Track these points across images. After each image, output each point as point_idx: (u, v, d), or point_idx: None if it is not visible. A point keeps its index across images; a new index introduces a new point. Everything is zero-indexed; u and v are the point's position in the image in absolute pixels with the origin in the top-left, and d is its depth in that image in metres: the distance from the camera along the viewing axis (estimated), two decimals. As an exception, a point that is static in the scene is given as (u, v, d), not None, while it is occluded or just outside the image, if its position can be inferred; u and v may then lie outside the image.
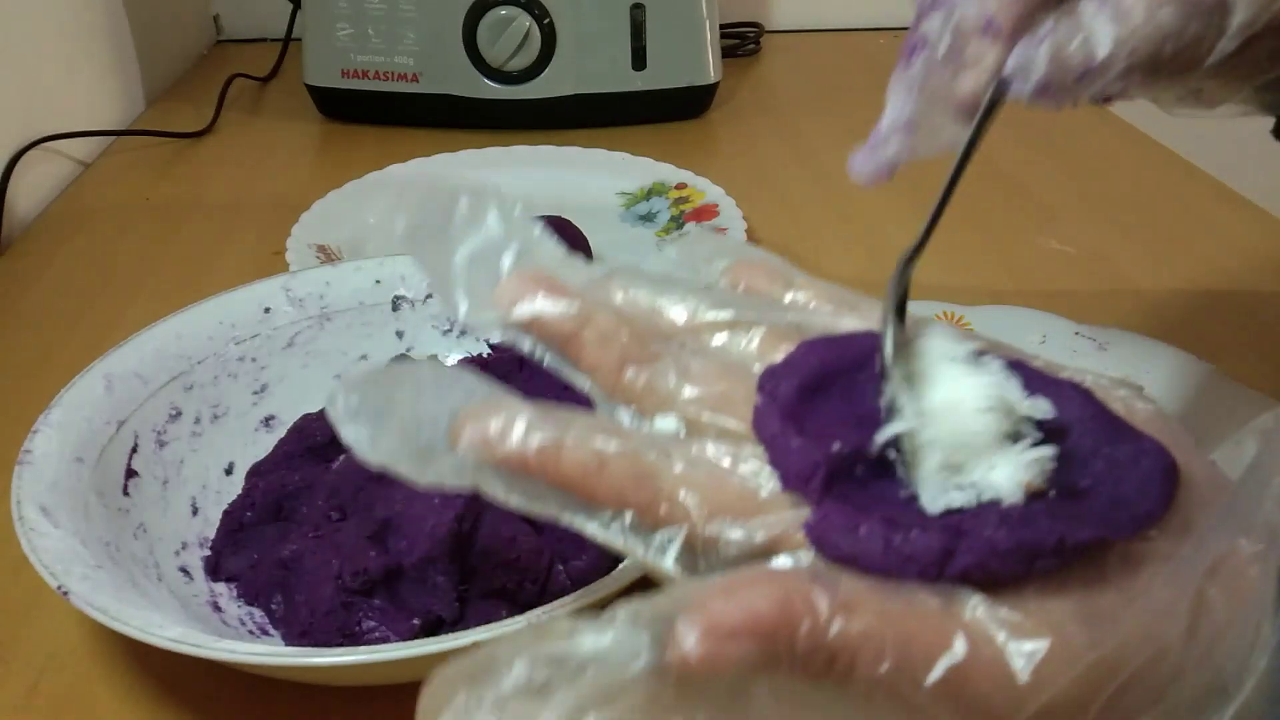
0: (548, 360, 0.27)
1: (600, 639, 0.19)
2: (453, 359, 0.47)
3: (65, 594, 0.32)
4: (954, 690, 0.20)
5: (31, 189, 0.74)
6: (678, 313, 0.28)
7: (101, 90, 0.88)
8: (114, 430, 0.41)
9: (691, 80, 0.88)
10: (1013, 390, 0.24)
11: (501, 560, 0.37)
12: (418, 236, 0.28)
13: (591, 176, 0.74)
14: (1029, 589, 0.21)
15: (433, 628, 0.37)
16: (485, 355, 0.47)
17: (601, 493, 0.23)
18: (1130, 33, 0.29)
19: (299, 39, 0.89)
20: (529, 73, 0.84)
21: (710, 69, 0.88)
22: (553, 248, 0.28)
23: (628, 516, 0.23)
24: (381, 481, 0.39)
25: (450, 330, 0.50)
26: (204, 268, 0.66)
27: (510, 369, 0.46)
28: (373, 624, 0.36)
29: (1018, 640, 0.20)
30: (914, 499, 0.23)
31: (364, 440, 0.23)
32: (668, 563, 0.23)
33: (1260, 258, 0.68)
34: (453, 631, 0.35)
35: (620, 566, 0.36)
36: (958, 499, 0.22)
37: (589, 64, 0.85)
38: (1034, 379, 0.25)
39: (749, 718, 0.20)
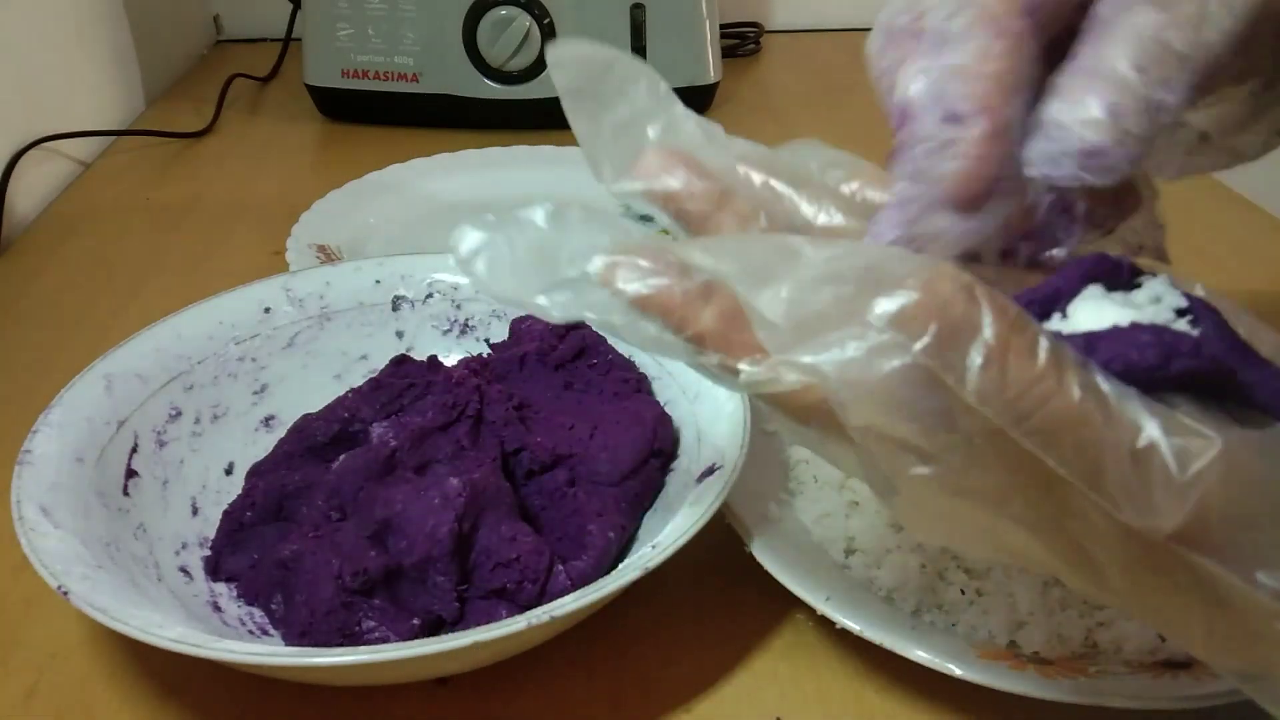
0: (682, 238, 0.28)
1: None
2: (453, 359, 0.47)
3: (65, 594, 0.32)
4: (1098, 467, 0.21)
5: (31, 189, 0.74)
6: (811, 213, 0.29)
7: (101, 90, 0.88)
8: (114, 430, 0.41)
9: (691, 80, 0.88)
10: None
11: (501, 560, 0.37)
12: (571, 96, 0.29)
13: (592, 176, 0.74)
14: (1176, 407, 0.22)
15: (433, 628, 0.37)
16: (485, 355, 0.47)
17: (738, 345, 0.24)
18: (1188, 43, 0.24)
19: (299, 39, 0.89)
20: (529, 73, 0.84)
21: (710, 69, 0.88)
22: (694, 127, 0.29)
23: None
24: (381, 482, 0.39)
25: (450, 330, 0.50)
26: (204, 268, 0.66)
27: (510, 368, 0.46)
28: (373, 624, 0.36)
29: (1174, 435, 0.21)
30: None
31: (484, 273, 0.23)
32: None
33: (1260, 257, 0.68)
34: (453, 631, 0.35)
35: (620, 566, 0.36)
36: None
37: (589, 64, 0.85)
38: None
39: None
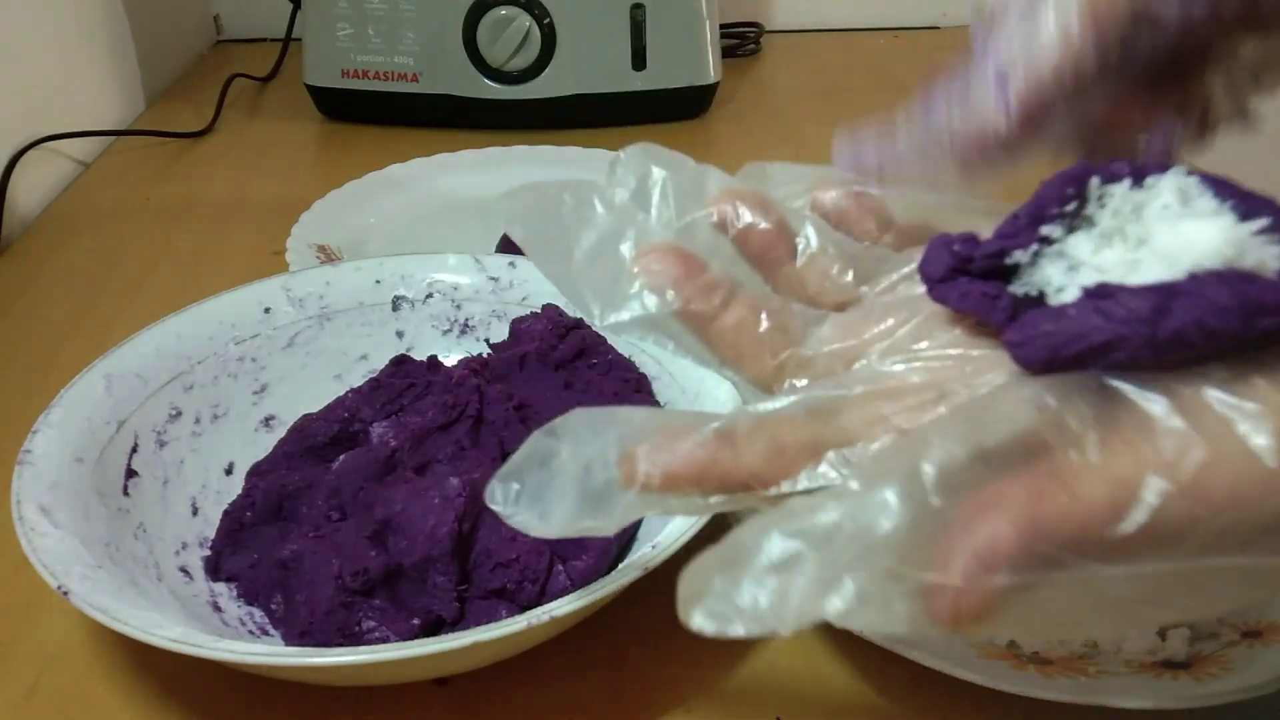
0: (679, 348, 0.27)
1: (842, 506, 0.20)
2: (453, 359, 0.47)
3: (65, 594, 0.32)
4: (1200, 490, 0.20)
5: (31, 189, 0.74)
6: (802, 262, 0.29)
7: (101, 90, 0.88)
8: (114, 430, 0.41)
9: (691, 80, 0.88)
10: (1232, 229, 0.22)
11: (501, 560, 0.37)
12: (534, 245, 0.28)
13: (592, 176, 0.74)
14: (1258, 379, 0.20)
15: (433, 628, 0.37)
16: (485, 355, 0.47)
17: (782, 475, 0.23)
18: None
19: (299, 39, 0.89)
20: (529, 73, 0.84)
21: (710, 69, 0.88)
22: (661, 230, 0.28)
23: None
24: (382, 481, 0.39)
25: (450, 330, 0.50)
26: (204, 268, 0.66)
27: (510, 369, 0.46)
28: (373, 624, 0.36)
29: (1259, 425, 0.20)
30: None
31: (534, 522, 0.23)
32: None
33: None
34: (453, 631, 0.35)
35: (620, 566, 0.36)
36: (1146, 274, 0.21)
37: (589, 64, 0.85)
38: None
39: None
